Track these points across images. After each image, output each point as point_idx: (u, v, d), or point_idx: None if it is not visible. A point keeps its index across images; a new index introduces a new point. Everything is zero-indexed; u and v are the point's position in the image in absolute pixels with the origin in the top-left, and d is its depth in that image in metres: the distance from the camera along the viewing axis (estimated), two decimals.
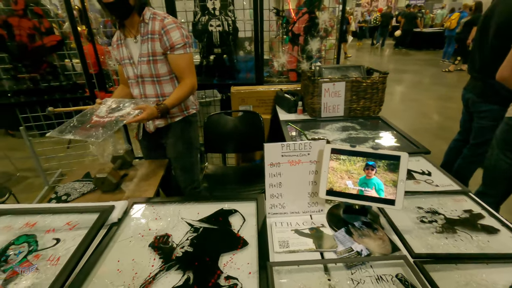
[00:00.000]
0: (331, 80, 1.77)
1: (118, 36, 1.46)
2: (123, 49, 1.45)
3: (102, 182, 1.28)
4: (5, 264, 0.77)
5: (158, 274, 0.74)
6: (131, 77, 1.49)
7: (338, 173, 0.87)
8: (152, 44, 1.39)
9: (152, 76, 1.45)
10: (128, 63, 1.46)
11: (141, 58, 1.42)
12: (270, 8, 2.22)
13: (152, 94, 1.50)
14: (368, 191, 0.84)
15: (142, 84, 1.48)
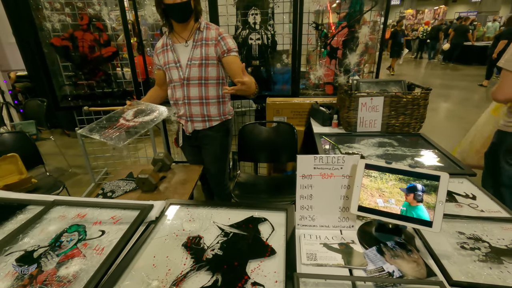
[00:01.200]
0: (368, 95, 1.74)
1: (164, 42, 1.57)
2: (169, 54, 1.56)
3: (143, 183, 1.39)
4: (59, 249, 0.87)
5: (189, 273, 0.78)
6: (175, 80, 1.58)
7: (368, 190, 0.85)
8: (206, 49, 1.52)
9: (200, 78, 1.55)
10: (174, 67, 1.56)
11: (192, 62, 1.53)
12: (309, 22, 2.25)
13: (196, 96, 1.59)
14: None
15: (187, 86, 1.57)
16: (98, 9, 2.33)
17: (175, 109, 1.68)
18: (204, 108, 1.62)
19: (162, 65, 1.61)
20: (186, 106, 1.62)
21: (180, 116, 1.69)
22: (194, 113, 1.63)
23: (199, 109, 1.62)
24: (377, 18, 2.24)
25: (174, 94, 1.63)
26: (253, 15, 2.28)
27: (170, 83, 1.62)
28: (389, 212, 0.84)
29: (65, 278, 0.76)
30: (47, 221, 1.00)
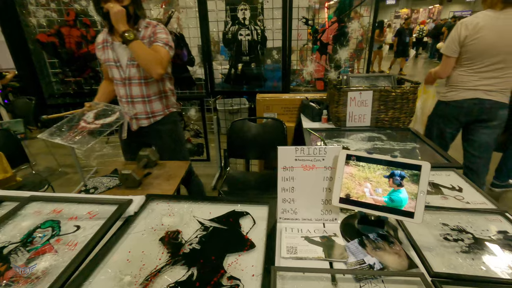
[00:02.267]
0: (357, 89, 1.72)
1: (104, 38, 1.54)
2: (108, 52, 1.53)
3: (126, 178, 1.35)
4: (30, 244, 0.84)
5: (164, 267, 0.75)
6: (117, 79, 1.57)
7: (356, 180, 0.83)
8: None
9: (140, 78, 1.56)
10: (114, 66, 1.54)
11: (131, 62, 1.52)
12: (299, 18, 2.23)
13: (139, 95, 1.60)
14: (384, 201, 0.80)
15: (129, 86, 1.57)
16: (84, 5, 2.29)
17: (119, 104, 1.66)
18: (147, 105, 1.63)
19: (104, 61, 1.58)
20: (130, 104, 1.62)
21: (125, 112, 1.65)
22: (138, 111, 1.63)
23: (142, 107, 1.62)
24: (367, 14, 2.23)
25: (118, 91, 1.63)
26: (243, 11, 2.26)
27: (113, 80, 1.61)
28: (371, 204, 0.82)
29: (33, 275, 0.73)
30: (21, 217, 0.97)
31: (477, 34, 1.63)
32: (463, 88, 1.77)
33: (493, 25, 1.60)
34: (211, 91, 2.57)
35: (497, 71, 1.66)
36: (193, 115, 2.72)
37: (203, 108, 2.69)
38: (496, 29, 1.59)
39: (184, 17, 2.35)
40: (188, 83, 2.61)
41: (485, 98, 1.71)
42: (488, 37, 1.61)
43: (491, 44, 1.61)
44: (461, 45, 1.70)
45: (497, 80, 1.67)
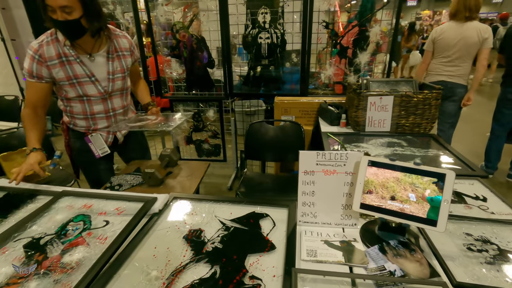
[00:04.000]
0: (377, 94, 1.71)
1: (59, 52, 1.30)
2: (75, 67, 1.34)
3: (149, 177, 1.41)
4: (64, 237, 0.89)
5: (188, 264, 0.79)
6: (92, 95, 1.42)
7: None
8: (125, 60, 1.49)
9: (122, 89, 1.53)
10: (88, 81, 1.39)
11: (115, 75, 1.46)
12: (319, 21, 2.23)
13: (120, 106, 1.56)
14: (410, 209, 0.80)
15: (110, 99, 1.49)
16: (112, 9, 2.39)
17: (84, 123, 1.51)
18: (125, 115, 1.62)
19: (63, 79, 1.34)
20: (112, 118, 1.54)
21: (99, 129, 1.54)
22: (119, 122, 1.59)
23: (122, 117, 1.60)
24: (389, 18, 2.20)
25: (89, 108, 1.46)
26: (263, 14, 2.28)
27: (78, 97, 1.41)
28: (392, 210, 0.82)
29: (68, 265, 0.78)
30: (55, 211, 1.03)
31: (440, 36, 2.44)
32: (435, 74, 2.55)
33: (455, 31, 2.37)
34: (230, 93, 2.61)
35: (455, 61, 2.42)
36: (211, 116, 2.77)
37: (221, 109, 2.73)
38: (456, 34, 2.36)
39: (205, 20, 2.41)
40: (207, 84, 2.67)
41: (447, 81, 2.48)
42: (449, 39, 2.39)
43: (451, 43, 2.39)
44: (433, 42, 2.51)
45: (455, 68, 2.44)
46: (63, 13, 1.16)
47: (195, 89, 2.70)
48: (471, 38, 2.32)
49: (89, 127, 1.52)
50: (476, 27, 2.31)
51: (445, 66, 2.47)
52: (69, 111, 1.48)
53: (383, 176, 0.85)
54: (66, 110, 1.50)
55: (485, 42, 2.31)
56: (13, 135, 2.09)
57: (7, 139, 2.04)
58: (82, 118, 1.49)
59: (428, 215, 0.78)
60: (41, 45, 1.28)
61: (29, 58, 1.29)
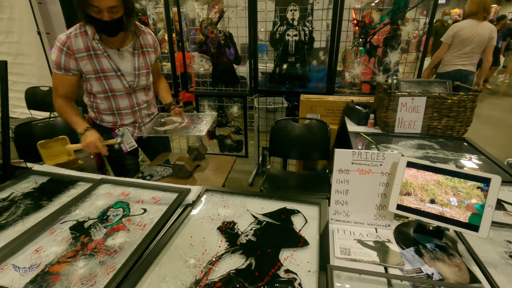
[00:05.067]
0: (409, 94, 1.67)
1: (88, 46, 1.32)
2: (102, 61, 1.36)
3: (179, 169, 1.45)
4: (106, 221, 0.94)
5: (224, 254, 0.81)
6: (118, 89, 1.44)
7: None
8: (149, 57, 1.52)
9: (146, 85, 1.56)
10: (114, 76, 1.40)
11: (140, 71, 1.48)
12: (349, 19, 2.20)
13: (144, 101, 1.58)
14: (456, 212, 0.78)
15: (134, 94, 1.51)
16: (144, 4, 2.46)
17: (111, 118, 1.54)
18: (149, 108, 1.66)
19: (90, 72, 1.36)
20: (137, 113, 1.57)
21: (126, 124, 1.57)
22: (143, 116, 1.62)
23: (146, 111, 1.64)
24: (421, 16, 2.13)
25: (114, 104, 1.48)
26: (292, 11, 2.27)
27: (103, 93, 1.43)
28: (430, 213, 0.81)
29: (111, 248, 0.83)
30: (95, 197, 1.09)
31: (460, 31, 2.85)
32: (451, 64, 3.01)
33: (472, 28, 2.82)
34: (254, 89, 2.63)
35: (469, 53, 2.90)
36: (235, 112, 2.79)
37: (245, 105, 2.75)
38: (473, 30, 2.81)
39: (234, 16, 2.43)
40: (233, 80, 2.69)
41: (463, 69, 2.95)
42: (467, 34, 2.83)
43: (468, 38, 2.83)
44: (453, 36, 2.91)
45: (469, 58, 2.92)
46: (110, 14, 1.20)
47: (220, 84, 2.73)
48: (484, 36, 2.82)
49: (116, 122, 1.55)
50: (489, 27, 2.82)
51: (460, 57, 2.94)
52: (96, 107, 1.51)
53: (423, 179, 0.84)
54: (93, 106, 1.52)
55: (492, 40, 2.84)
56: (49, 124, 2.20)
57: (44, 128, 2.15)
58: (109, 113, 1.52)
59: (470, 220, 0.76)
60: (68, 37, 1.29)
61: (57, 50, 1.30)
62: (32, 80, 4.14)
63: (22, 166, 1.33)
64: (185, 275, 0.75)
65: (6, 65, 1.11)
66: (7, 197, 1.09)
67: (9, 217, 0.97)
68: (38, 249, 0.83)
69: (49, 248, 0.84)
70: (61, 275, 0.74)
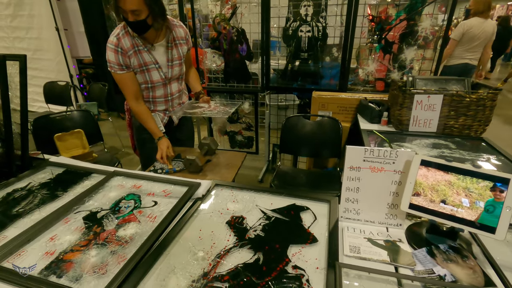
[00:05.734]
0: (425, 92, 1.62)
1: (132, 43, 1.44)
2: (144, 55, 1.48)
3: (190, 163, 1.46)
4: (118, 212, 0.96)
5: (232, 248, 0.82)
6: (156, 81, 1.56)
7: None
8: (181, 48, 1.60)
9: (179, 75, 1.66)
10: (153, 68, 1.52)
11: (173, 62, 1.58)
12: (364, 15, 2.15)
13: (177, 91, 1.69)
14: (468, 212, 0.76)
15: (169, 84, 1.63)
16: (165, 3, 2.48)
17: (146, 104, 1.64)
18: (181, 98, 1.75)
19: (136, 67, 1.48)
20: (169, 102, 1.68)
21: (158, 110, 1.68)
22: (175, 105, 1.72)
23: (178, 101, 1.73)
24: (439, 12, 2.06)
25: (151, 93, 1.61)
26: (305, 7, 2.24)
27: (144, 83, 1.55)
28: (443, 213, 0.78)
29: (123, 238, 0.85)
30: (108, 188, 1.11)
31: (470, 29, 3.09)
32: (459, 58, 3.25)
33: (479, 26, 3.07)
34: (266, 86, 2.62)
35: (475, 48, 3.17)
36: (247, 108, 2.80)
37: (257, 102, 2.75)
38: (480, 28, 3.07)
39: (247, 12, 2.42)
40: (245, 77, 2.69)
41: (469, 63, 3.23)
42: (475, 32, 3.09)
43: (476, 35, 3.09)
44: (463, 34, 3.12)
45: (474, 53, 3.20)
46: (133, 15, 1.30)
47: (232, 81, 2.73)
48: (489, 32, 3.10)
49: (149, 108, 1.66)
50: (492, 24, 3.12)
51: (468, 52, 3.21)
52: None
53: (433, 179, 0.81)
54: None
55: (493, 36, 3.17)
56: (66, 117, 2.26)
57: (61, 121, 2.22)
58: (144, 101, 1.64)
59: (482, 220, 0.73)
60: (118, 38, 1.42)
61: (112, 52, 1.42)
62: (50, 75, 4.26)
63: (39, 158, 1.37)
64: (194, 267, 0.75)
65: (25, 59, 1.14)
66: (25, 187, 1.12)
67: (26, 206, 1.01)
68: (53, 237, 0.86)
69: (63, 236, 0.86)
70: (74, 263, 0.76)
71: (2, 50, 4.46)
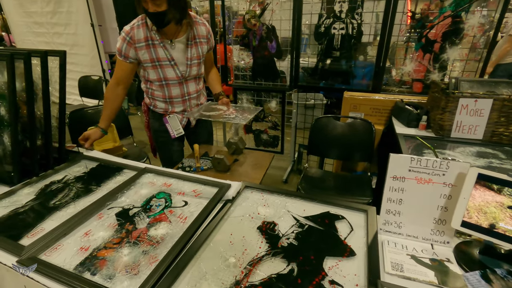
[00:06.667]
0: (472, 96, 1.49)
1: (147, 36, 1.42)
2: (158, 50, 1.45)
3: (218, 162, 1.45)
4: (149, 211, 0.96)
5: (264, 256, 0.78)
6: (171, 78, 1.52)
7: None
8: (201, 47, 1.57)
9: (197, 75, 1.61)
10: (168, 65, 1.48)
11: (192, 61, 1.54)
12: (404, 11, 2.02)
13: (194, 91, 1.64)
14: None
15: (185, 83, 1.58)
16: None
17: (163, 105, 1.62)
18: (199, 98, 1.71)
19: (147, 61, 1.46)
20: (187, 102, 1.64)
21: (176, 112, 1.65)
22: (193, 106, 1.68)
23: (196, 101, 1.69)
24: (490, 7, 1.89)
25: (167, 92, 1.57)
26: (340, 3, 2.15)
27: (158, 81, 1.52)
28: (504, 234, 0.70)
29: (154, 238, 0.84)
30: (139, 185, 1.12)
31: None
32: None
33: None
34: (295, 84, 2.55)
35: None
36: (273, 107, 2.75)
37: (284, 100, 2.69)
38: None
39: (278, 9, 2.36)
40: (273, 75, 2.64)
41: None
42: None
43: None
44: None
45: None
46: (153, 5, 1.29)
47: (259, 78, 2.69)
48: None
49: (167, 109, 1.63)
50: None
51: None
52: (151, 93, 1.61)
53: (482, 199, 0.73)
54: (148, 92, 1.63)
55: None
56: (98, 111, 2.33)
57: (94, 115, 2.29)
58: (161, 101, 1.61)
59: None
60: (132, 28, 1.42)
61: (121, 39, 1.43)
62: (84, 70, 4.45)
63: (75, 151, 1.41)
64: (225, 274, 0.73)
65: (65, 55, 1.17)
66: (61, 179, 1.16)
67: (62, 199, 1.03)
68: (88, 232, 0.87)
69: (97, 232, 0.87)
70: (107, 261, 0.76)
71: (43, 45, 4.71)
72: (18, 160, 1.11)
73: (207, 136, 1.89)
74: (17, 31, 5.08)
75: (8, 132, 1.08)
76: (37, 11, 4.51)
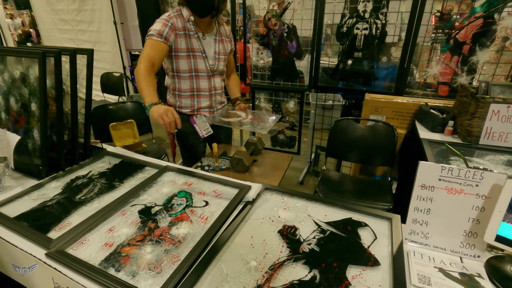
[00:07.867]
0: (505, 101, 1.42)
1: (185, 26, 1.46)
2: (193, 41, 1.49)
3: (237, 163, 1.45)
4: (171, 210, 0.97)
5: (286, 261, 0.77)
6: (201, 70, 1.55)
7: None
8: (227, 45, 1.63)
9: (222, 71, 1.67)
10: (200, 56, 1.53)
11: (220, 56, 1.59)
12: (431, 11, 1.95)
13: (220, 86, 1.69)
14: None
15: (213, 77, 1.61)
16: None
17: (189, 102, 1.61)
18: (222, 96, 1.75)
19: (183, 50, 1.49)
20: (213, 97, 1.65)
21: (202, 108, 1.64)
22: (217, 102, 1.70)
23: (220, 98, 1.72)
24: None
25: (196, 84, 1.57)
26: (364, 2, 2.10)
27: (189, 72, 1.54)
28: None
29: (176, 238, 0.85)
30: (161, 183, 1.13)
31: None
32: None
33: None
34: (314, 85, 2.52)
35: None
36: (291, 107, 2.73)
37: (302, 101, 2.67)
38: None
39: (299, 8, 2.33)
40: (292, 74, 2.62)
41: None
42: None
43: None
44: None
45: None
46: None
47: (278, 78, 2.68)
48: None
49: (193, 106, 1.62)
50: None
51: None
52: (178, 88, 1.59)
53: None
54: (175, 88, 1.60)
55: None
56: (120, 107, 2.39)
57: (115, 111, 2.34)
58: (188, 95, 1.60)
59: None
60: (170, 17, 1.45)
61: (161, 23, 1.41)
62: (106, 66, 4.57)
63: (98, 147, 1.45)
64: (246, 277, 0.72)
65: (92, 53, 1.20)
66: (86, 175, 1.19)
67: (87, 194, 1.06)
68: (112, 228, 0.89)
69: (121, 229, 0.89)
70: (131, 258, 0.78)
71: (68, 42, 4.87)
72: (46, 154, 1.15)
73: (226, 135, 1.89)
74: (44, 27, 5.28)
75: (38, 127, 1.12)
76: (63, 9, 4.67)
